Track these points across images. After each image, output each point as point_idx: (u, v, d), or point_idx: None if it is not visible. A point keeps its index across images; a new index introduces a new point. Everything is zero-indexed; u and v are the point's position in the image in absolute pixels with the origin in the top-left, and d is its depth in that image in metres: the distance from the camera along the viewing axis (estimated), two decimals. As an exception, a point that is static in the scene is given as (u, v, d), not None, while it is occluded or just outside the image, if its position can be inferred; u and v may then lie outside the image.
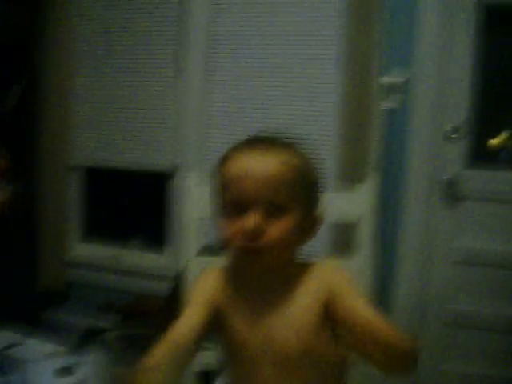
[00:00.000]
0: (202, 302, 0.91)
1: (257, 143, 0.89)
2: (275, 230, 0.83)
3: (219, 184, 0.89)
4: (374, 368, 0.79)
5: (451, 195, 2.21)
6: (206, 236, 1.17)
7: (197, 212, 1.13)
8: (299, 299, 0.89)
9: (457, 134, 2.18)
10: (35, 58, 2.57)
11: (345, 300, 0.84)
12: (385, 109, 2.18)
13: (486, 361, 2.19)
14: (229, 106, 2.44)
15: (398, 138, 2.21)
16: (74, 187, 2.75)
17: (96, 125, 2.66)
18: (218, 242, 0.90)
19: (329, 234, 2.04)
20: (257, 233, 0.82)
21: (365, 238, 1.11)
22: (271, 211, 0.83)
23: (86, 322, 2.43)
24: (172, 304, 0.90)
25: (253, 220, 0.82)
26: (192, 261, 1.14)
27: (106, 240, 2.78)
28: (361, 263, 1.12)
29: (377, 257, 2.13)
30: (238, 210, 0.84)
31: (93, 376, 0.67)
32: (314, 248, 0.95)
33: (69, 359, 1.60)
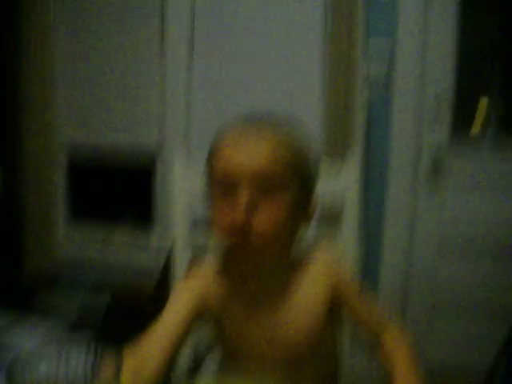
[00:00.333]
0: (187, 303, 0.84)
1: (252, 120, 0.84)
2: (270, 209, 0.76)
3: (211, 162, 0.82)
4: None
5: (435, 174, 2.21)
6: (194, 213, 1.13)
7: (183, 189, 1.12)
8: (302, 300, 0.85)
9: (438, 114, 2.17)
10: (14, 44, 2.52)
11: (349, 300, 0.87)
12: (370, 77, 2.16)
13: (470, 342, 2.22)
14: (213, 85, 2.41)
15: (381, 118, 2.20)
16: (59, 170, 2.73)
17: (79, 107, 2.62)
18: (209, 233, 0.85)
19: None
20: (250, 209, 0.74)
21: (350, 217, 1.12)
22: (264, 189, 0.76)
23: (78, 305, 2.44)
24: (162, 288, 0.89)
25: (246, 195, 0.75)
26: (180, 238, 1.12)
27: (95, 221, 2.77)
28: (346, 241, 1.13)
29: (362, 237, 2.17)
30: (231, 188, 0.77)
31: (87, 361, 0.67)
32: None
33: (63, 344, 1.62)
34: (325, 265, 0.88)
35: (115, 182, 2.89)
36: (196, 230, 1.13)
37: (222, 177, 0.78)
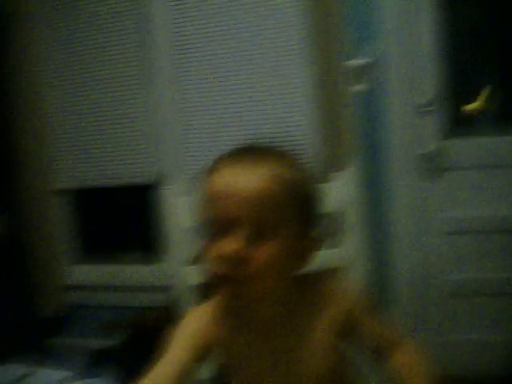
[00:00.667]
0: (187, 347, 0.78)
1: (245, 153, 0.78)
2: (261, 256, 0.72)
3: (201, 199, 0.78)
4: None
5: (435, 167, 2.23)
6: (193, 246, 1.11)
7: (180, 222, 1.10)
8: (313, 336, 0.80)
9: (432, 106, 2.20)
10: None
11: (360, 322, 0.83)
12: (356, 91, 2.19)
13: (488, 326, 2.23)
14: (202, 109, 2.44)
15: (374, 119, 2.23)
16: (60, 210, 2.74)
17: (75, 146, 2.65)
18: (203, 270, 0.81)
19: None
20: (239, 259, 0.71)
21: (351, 225, 1.12)
22: (257, 233, 0.72)
23: (92, 344, 2.43)
24: (168, 317, 0.86)
25: (234, 243, 0.71)
26: (180, 271, 1.11)
27: (101, 259, 2.78)
28: (350, 250, 1.13)
29: (370, 239, 2.18)
30: (221, 231, 0.73)
31: None
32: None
33: (82, 383, 1.61)
34: (333, 293, 0.84)
35: (119, 218, 2.91)
36: (197, 265, 1.11)
37: (213, 218, 0.75)
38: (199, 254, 0.78)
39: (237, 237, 0.71)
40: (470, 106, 2.32)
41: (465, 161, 2.23)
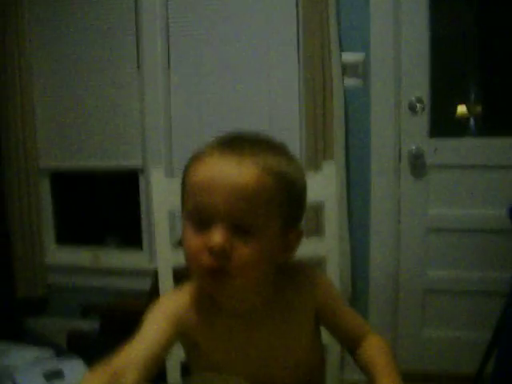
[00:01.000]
0: (161, 329, 0.75)
1: (233, 143, 0.73)
2: (246, 250, 0.69)
3: (185, 188, 0.75)
4: None
5: (418, 166, 2.26)
6: (177, 230, 1.08)
7: (164, 207, 1.10)
8: (291, 324, 0.80)
9: (418, 105, 2.22)
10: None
11: (330, 310, 0.84)
12: (346, 88, 2.21)
13: (463, 324, 2.27)
14: (191, 97, 2.45)
15: (361, 115, 2.25)
16: (44, 192, 2.73)
17: (60, 129, 2.63)
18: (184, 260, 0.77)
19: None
20: (223, 252, 0.69)
21: (334, 216, 1.14)
22: (243, 226, 0.69)
23: (70, 325, 2.44)
24: (149, 300, 0.84)
25: (218, 236, 0.68)
26: (164, 256, 1.10)
27: (83, 242, 2.77)
28: (330, 242, 1.14)
29: (350, 232, 2.21)
30: (205, 222, 0.70)
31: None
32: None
33: (57, 363, 1.62)
34: (311, 282, 0.83)
35: (101, 204, 2.91)
36: (179, 250, 1.10)
37: (196, 210, 0.72)
38: (181, 241, 0.75)
39: (222, 230, 0.69)
40: (456, 107, 2.34)
41: (447, 160, 2.25)
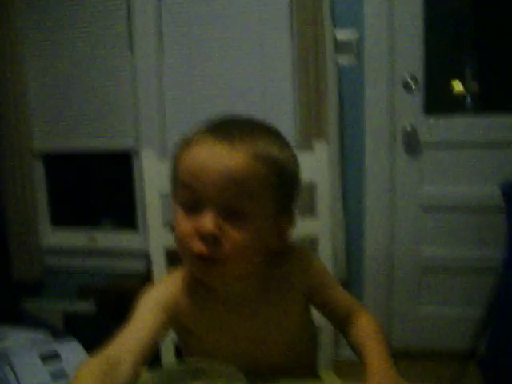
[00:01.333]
0: (153, 314, 0.75)
1: (225, 127, 0.72)
2: (238, 236, 0.69)
3: (175, 174, 0.74)
4: None
5: (412, 144, 2.25)
6: (169, 213, 1.13)
7: (157, 188, 1.10)
8: (281, 303, 0.80)
9: (413, 84, 2.20)
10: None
11: (320, 288, 0.83)
12: (340, 65, 2.19)
13: (458, 301, 2.29)
14: (184, 79, 2.42)
15: (355, 93, 2.23)
16: (38, 174, 2.72)
17: (53, 113, 2.60)
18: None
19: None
20: (214, 238, 0.68)
21: (326, 196, 1.13)
22: (235, 212, 0.69)
23: (67, 308, 2.45)
24: (143, 282, 0.84)
25: (210, 222, 0.67)
26: (156, 238, 1.10)
27: (78, 224, 2.77)
28: (323, 221, 1.14)
29: (344, 211, 2.21)
30: (196, 207, 0.69)
31: (79, 361, 0.66)
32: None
33: (53, 345, 1.63)
34: (303, 261, 0.83)
35: (96, 186, 2.90)
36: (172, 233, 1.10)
37: (187, 194, 0.71)
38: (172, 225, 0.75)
39: (212, 214, 0.68)
40: (450, 85, 2.33)
41: (442, 138, 2.25)
